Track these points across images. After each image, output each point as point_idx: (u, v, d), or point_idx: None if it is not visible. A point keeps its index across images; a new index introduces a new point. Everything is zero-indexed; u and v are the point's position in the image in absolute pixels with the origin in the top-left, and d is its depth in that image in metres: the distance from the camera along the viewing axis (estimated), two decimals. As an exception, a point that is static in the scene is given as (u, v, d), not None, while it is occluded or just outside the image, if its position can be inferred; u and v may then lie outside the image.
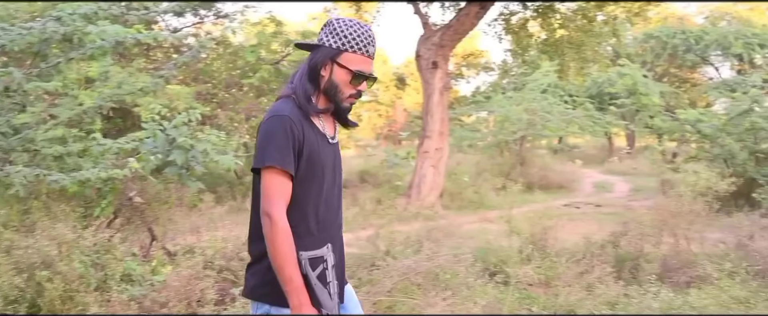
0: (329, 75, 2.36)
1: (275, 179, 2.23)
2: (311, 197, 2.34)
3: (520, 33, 12.38)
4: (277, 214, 2.20)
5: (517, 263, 5.98)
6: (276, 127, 2.26)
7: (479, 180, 13.66)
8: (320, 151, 2.37)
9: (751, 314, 4.63)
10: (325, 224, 2.38)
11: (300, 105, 2.34)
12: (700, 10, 33.45)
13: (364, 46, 2.37)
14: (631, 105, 15.87)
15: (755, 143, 11.52)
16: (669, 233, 7.08)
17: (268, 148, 2.25)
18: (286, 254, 2.18)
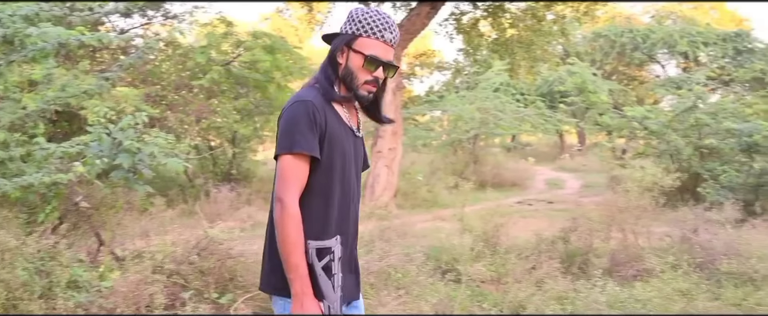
0: (346, 61, 2.35)
1: (293, 165, 2.21)
2: (331, 185, 2.30)
3: (471, 33, 12.49)
4: (290, 200, 2.18)
5: (468, 260, 6.03)
6: (299, 112, 2.24)
7: (433, 179, 13.75)
8: (343, 141, 2.35)
9: (693, 314, 4.75)
10: (342, 215, 2.34)
11: (323, 93, 2.33)
12: (646, 9, 34.11)
13: (379, 31, 2.32)
14: (580, 103, 16.11)
15: (699, 139, 11.80)
16: (617, 228, 7.23)
17: (291, 133, 2.22)
18: (294, 242, 2.16)
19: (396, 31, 2.38)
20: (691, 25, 26.02)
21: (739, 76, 21.86)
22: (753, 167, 10.62)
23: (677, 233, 7.15)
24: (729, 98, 16.45)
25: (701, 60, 24.95)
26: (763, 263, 5.47)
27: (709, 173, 10.99)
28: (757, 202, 9.91)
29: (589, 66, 21.83)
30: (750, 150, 11.05)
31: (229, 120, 11.29)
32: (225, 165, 13.15)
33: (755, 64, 22.11)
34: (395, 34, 2.37)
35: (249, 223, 9.25)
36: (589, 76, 15.34)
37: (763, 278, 5.32)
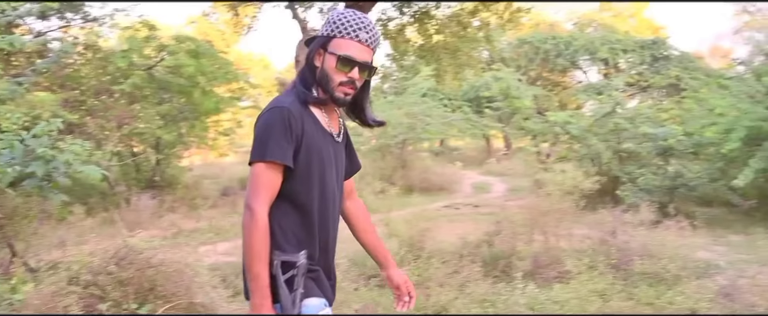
0: (322, 64, 2.29)
1: (265, 173, 2.16)
2: (309, 193, 2.26)
3: (397, 38, 12.53)
4: (259, 208, 2.14)
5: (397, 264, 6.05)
6: (274, 119, 2.18)
7: (361, 184, 13.74)
8: (321, 148, 2.29)
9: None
10: (321, 223, 2.30)
11: (299, 96, 2.27)
12: (568, 16, 35.10)
13: (353, 31, 2.26)
14: (506, 108, 16.46)
15: (618, 143, 12.20)
16: (539, 231, 7.35)
17: (265, 140, 2.17)
18: (259, 252, 2.12)
19: (374, 31, 2.32)
20: (611, 33, 26.90)
21: (656, 82, 22.76)
22: (668, 169, 11.04)
23: (597, 234, 7.33)
24: (646, 104, 17.07)
25: (621, 66, 25.81)
26: (674, 262, 5.69)
27: (628, 176, 11.36)
28: (671, 204, 10.30)
29: (514, 72, 22.39)
30: (665, 153, 11.49)
31: (152, 126, 11.03)
32: (148, 172, 12.83)
33: (671, 70, 23.04)
34: (372, 34, 2.31)
35: (172, 231, 9.08)
36: (513, 82, 15.69)
37: (673, 277, 5.54)
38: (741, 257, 7.48)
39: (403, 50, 12.90)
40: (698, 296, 4.90)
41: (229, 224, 9.72)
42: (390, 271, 2.70)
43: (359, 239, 2.73)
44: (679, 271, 5.66)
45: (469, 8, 12.36)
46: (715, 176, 10.84)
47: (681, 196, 10.81)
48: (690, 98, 14.63)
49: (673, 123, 12.93)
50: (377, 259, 2.73)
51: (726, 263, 7.17)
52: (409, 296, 2.67)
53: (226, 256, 7.74)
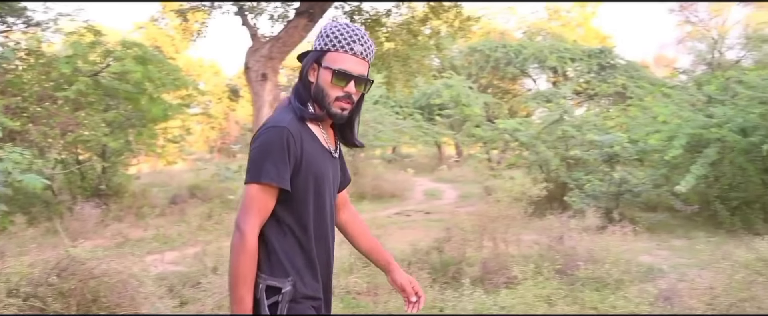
0: (316, 79, 2.23)
1: (259, 194, 2.10)
2: (305, 214, 2.20)
3: (348, 46, 12.55)
4: (250, 230, 2.08)
5: (344, 272, 6.05)
6: (272, 139, 2.11)
7: (311, 192, 13.69)
8: (320, 166, 2.23)
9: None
10: (318, 242, 2.24)
11: (296, 112, 2.21)
12: (518, 25, 35.64)
13: (347, 44, 2.20)
14: (456, 115, 16.58)
15: (566, 150, 12.40)
16: (489, 237, 7.42)
17: (261, 161, 2.10)
18: (245, 275, 2.07)
19: (368, 43, 2.26)
20: (559, 42, 27.38)
21: (603, 91, 23.23)
22: (613, 176, 11.25)
23: (544, 240, 7.44)
24: (593, 111, 17.39)
25: (569, 75, 26.27)
26: (617, 267, 5.81)
27: (575, 182, 11.56)
28: (617, 209, 10.52)
29: (465, 79, 22.60)
30: (611, 160, 11.72)
31: (98, 133, 10.79)
32: (94, 180, 12.55)
33: (617, 79, 23.56)
34: (367, 46, 2.25)
35: (117, 240, 8.91)
36: (464, 90, 15.82)
37: (616, 281, 5.65)
38: (682, 260, 7.67)
39: (354, 57, 12.92)
40: (639, 299, 5.02)
41: (177, 232, 9.58)
42: (394, 274, 2.61)
43: (357, 246, 2.69)
44: (622, 275, 5.78)
45: (419, 16, 12.47)
46: (659, 182, 11.10)
47: (626, 201, 11.05)
48: (635, 106, 14.97)
49: (619, 130, 13.20)
50: (379, 263, 2.67)
51: (668, 266, 7.35)
52: (416, 295, 2.57)
53: (173, 265, 7.63)
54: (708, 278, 5.02)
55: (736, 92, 11.10)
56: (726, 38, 29.89)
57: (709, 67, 26.30)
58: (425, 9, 12.35)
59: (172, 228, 9.93)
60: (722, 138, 10.13)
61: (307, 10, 11.37)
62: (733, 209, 10.58)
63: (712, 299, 4.68)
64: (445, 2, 12.18)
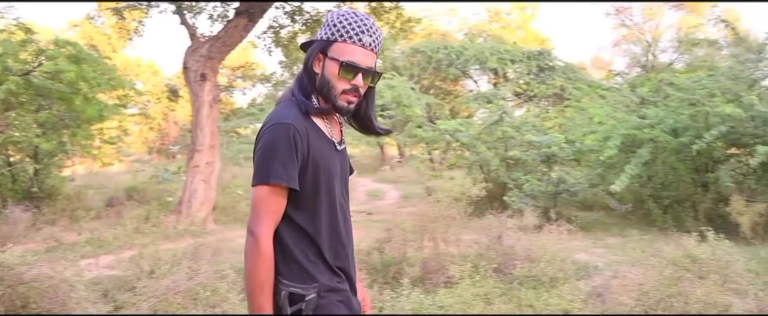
0: (322, 70, 2.11)
1: (269, 196, 1.98)
2: (317, 213, 2.08)
3: (289, 46, 12.51)
4: (264, 234, 1.96)
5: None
6: (278, 137, 1.99)
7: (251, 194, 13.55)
8: (328, 162, 2.11)
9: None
10: (333, 239, 2.13)
11: (300, 106, 2.10)
12: (460, 27, 36.02)
13: (356, 35, 2.09)
14: (398, 116, 16.63)
15: (506, 151, 12.59)
16: (429, 237, 7.46)
17: (269, 161, 1.98)
18: (263, 282, 1.95)
19: (377, 33, 2.15)
20: (500, 44, 27.73)
21: (542, 92, 23.62)
22: (551, 176, 11.48)
23: (483, 240, 7.52)
24: (532, 112, 17.68)
25: (509, 76, 26.63)
26: (553, 265, 5.93)
27: (514, 182, 11.75)
28: (554, 208, 10.73)
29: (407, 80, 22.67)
30: (549, 160, 11.95)
31: (30, 134, 10.47)
32: (26, 182, 12.16)
33: (556, 80, 23.99)
34: (376, 37, 2.13)
35: (48, 245, 8.67)
36: (405, 91, 15.88)
37: (551, 279, 5.77)
38: (616, 258, 7.86)
39: (296, 57, 12.86)
40: (571, 297, 5.12)
41: (113, 235, 9.36)
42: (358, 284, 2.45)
43: None
44: (557, 273, 5.90)
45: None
46: (595, 182, 11.36)
47: (563, 201, 11.28)
48: (572, 107, 15.29)
49: (557, 131, 13.48)
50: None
51: (603, 264, 7.53)
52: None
53: (108, 269, 7.47)
54: (639, 274, 5.16)
55: (667, 94, 11.44)
56: (659, 41, 30.82)
57: (643, 69, 27.05)
58: (366, 10, 12.38)
59: (108, 231, 9.70)
60: (654, 138, 10.44)
61: (247, 10, 11.29)
62: (665, 207, 10.90)
63: (641, 295, 4.81)
64: (386, 3, 12.23)
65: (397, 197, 17.24)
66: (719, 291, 4.73)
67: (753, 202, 9.49)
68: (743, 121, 9.73)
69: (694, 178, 11.06)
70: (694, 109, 10.48)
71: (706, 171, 10.87)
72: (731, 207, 9.35)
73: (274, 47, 12.88)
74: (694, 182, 11.05)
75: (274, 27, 12.58)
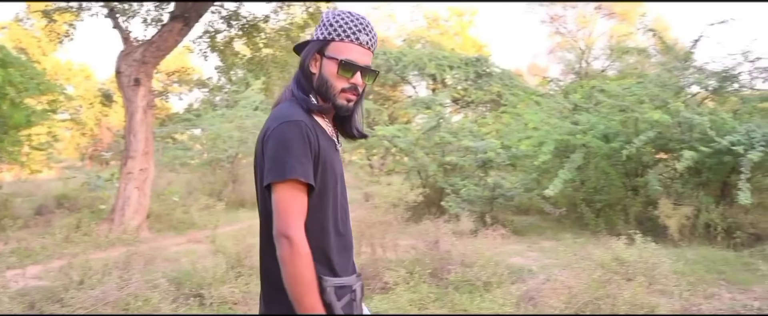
0: (319, 70, 2.11)
1: (293, 195, 1.94)
2: (330, 210, 2.07)
3: (225, 51, 12.35)
4: (298, 235, 1.91)
5: (218, 282, 5.93)
6: (291, 134, 1.96)
7: (189, 200, 13.35)
8: (333, 160, 2.11)
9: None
10: (346, 241, 2.14)
11: (302, 105, 2.08)
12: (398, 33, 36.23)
13: (353, 33, 2.11)
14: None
15: (443, 156, 12.69)
16: (367, 243, 7.49)
17: (285, 158, 1.94)
18: (308, 282, 1.91)
19: (373, 33, 2.18)
20: (438, 50, 28.01)
21: (479, 98, 23.93)
22: (488, 181, 11.63)
23: (421, 245, 7.57)
24: (469, 118, 17.89)
25: (447, 82, 26.90)
26: (486, 270, 6.00)
27: (451, 187, 11.85)
28: (490, 213, 10.88)
29: (346, 86, 22.64)
30: (485, 166, 12.11)
31: (-47, 140, 10.08)
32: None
33: (493, 86, 24.36)
34: (372, 36, 2.17)
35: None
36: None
37: (485, 283, 5.84)
38: (549, 261, 8.01)
39: (232, 63, 12.71)
40: (503, 301, 5.20)
41: (41, 245, 9.07)
42: None
43: None
44: (491, 277, 5.97)
45: (298, 22, 12.44)
46: (530, 186, 11.56)
47: (499, 205, 11.44)
48: (508, 113, 15.53)
49: (493, 137, 13.66)
50: None
51: (537, 267, 7.67)
52: None
53: (36, 280, 7.23)
54: (569, 277, 5.27)
55: (598, 100, 11.73)
56: (592, 49, 31.62)
57: (577, 76, 27.71)
58: (304, 15, 12.35)
59: (36, 241, 9.40)
60: (587, 144, 10.69)
61: (183, 14, 11.12)
62: (597, 210, 11.17)
63: (571, 298, 4.92)
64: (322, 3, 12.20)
65: (336, 203, 17.17)
66: (646, 292, 4.87)
67: (680, 205, 9.80)
68: (670, 127, 10.06)
69: (625, 182, 11.36)
70: (624, 116, 10.78)
71: (635, 175, 11.18)
72: (660, 210, 9.63)
73: (209, 52, 12.70)
74: (625, 186, 11.35)
75: (210, 32, 12.41)
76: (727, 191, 10.00)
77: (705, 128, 9.29)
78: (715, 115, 9.91)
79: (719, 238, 9.22)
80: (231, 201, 14.76)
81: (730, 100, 11.40)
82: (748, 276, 6.99)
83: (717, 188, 10.34)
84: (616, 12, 33.97)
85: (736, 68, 10.72)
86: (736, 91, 11.13)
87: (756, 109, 10.63)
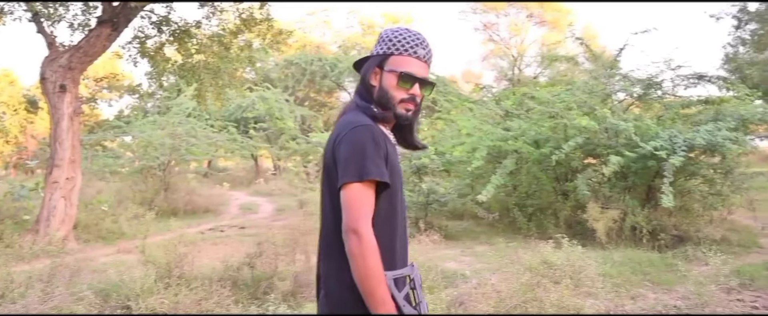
0: (379, 83, 2.24)
1: (364, 193, 2.01)
2: (395, 210, 2.17)
3: (156, 57, 12.10)
4: (366, 230, 1.97)
5: (146, 293, 5.80)
6: (365, 137, 2.06)
7: (120, 209, 13.02)
8: (398, 165, 2.21)
9: None
10: (405, 240, 2.24)
11: (368, 113, 2.19)
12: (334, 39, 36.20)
13: (411, 48, 2.24)
14: (271, 128, 16.51)
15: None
16: (301, 251, 7.44)
17: (360, 159, 2.03)
18: (379, 274, 1.96)
19: (429, 47, 2.31)
20: (374, 56, 28.11)
21: (415, 104, 24.11)
22: (422, 186, 11.72)
23: (355, 252, 7.53)
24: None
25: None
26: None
27: (387, 192, 11.88)
28: (424, 218, 10.97)
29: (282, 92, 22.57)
30: (420, 171, 12.20)
31: None
32: None
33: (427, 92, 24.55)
34: (428, 50, 2.29)
35: None
36: (276, 103, 15.78)
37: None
38: (482, 265, 8.12)
39: (163, 69, 12.45)
40: (433, 306, 5.24)
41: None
42: None
43: None
44: (424, 282, 6.01)
45: (231, 28, 12.29)
46: (464, 192, 11.71)
47: (434, 211, 11.56)
48: (442, 119, 15.70)
49: (428, 142, 13.78)
50: None
51: (471, 272, 7.76)
52: None
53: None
54: (500, 281, 5.36)
55: (529, 107, 11.98)
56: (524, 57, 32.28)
57: (510, 82, 28.23)
58: (237, 21, 12.20)
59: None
60: (518, 149, 10.90)
61: (111, 19, 10.85)
62: (529, 215, 11.40)
63: (499, 301, 5.00)
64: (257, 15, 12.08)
65: (271, 211, 17.06)
66: (572, 294, 4.99)
67: (607, 208, 10.09)
68: (597, 132, 10.35)
69: (555, 187, 11.62)
70: (554, 122, 11.04)
71: (565, 180, 11.46)
72: (588, 214, 9.88)
73: (139, 58, 12.41)
74: (555, 191, 11.61)
75: (140, 37, 12.12)
76: (651, 195, 10.34)
77: (630, 134, 9.58)
78: (639, 122, 10.25)
79: (645, 240, 9.51)
80: (163, 210, 14.47)
81: (654, 107, 11.81)
82: (671, 277, 7.24)
83: (642, 191, 10.68)
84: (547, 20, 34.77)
85: (659, 76, 11.13)
86: (659, 98, 11.54)
87: (678, 116, 11.04)
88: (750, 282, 7.01)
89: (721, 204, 10.57)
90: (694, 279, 6.17)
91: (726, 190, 10.47)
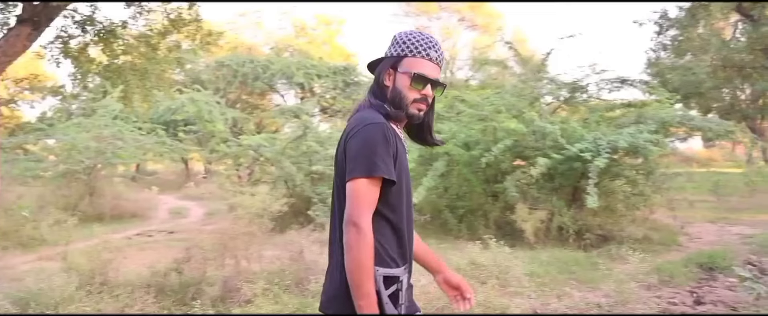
0: (393, 83, 2.33)
1: (369, 188, 2.11)
2: (400, 208, 2.25)
3: (80, 57, 11.71)
4: (366, 224, 2.08)
5: (67, 301, 5.62)
6: (376, 134, 2.15)
7: (40, 215, 12.56)
8: (406, 164, 2.32)
9: None
10: (409, 238, 2.31)
11: (381, 111, 2.28)
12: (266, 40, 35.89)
13: (424, 50, 2.33)
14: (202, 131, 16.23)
15: (310, 165, 12.69)
16: (230, 255, 7.34)
17: (370, 156, 2.12)
18: (369, 268, 2.06)
19: (441, 50, 2.39)
20: (306, 59, 28.02)
21: (347, 107, 24.15)
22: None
23: (286, 255, 7.52)
24: (337, 127, 17.98)
25: (316, 90, 26.98)
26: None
27: (319, 196, 11.85)
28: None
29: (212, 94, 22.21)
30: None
31: None
32: None
33: (361, 95, 24.60)
34: (440, 53, 2.38)
35: None
36: (206, 106, 15.53)
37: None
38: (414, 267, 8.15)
39: (87, 70, 12.08)
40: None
41: None
42: (446, 273, 2.67)
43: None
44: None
45: (158, 29, 12.02)
46: (396, 194, 11.74)
47: (366, 213, 11.54)
48: (375, 122, 15.74)
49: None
50: (430, 265, 2.70)
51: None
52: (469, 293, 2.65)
53: None
54: (428, 282, 5.38)
55: (459, 110, 12.12)
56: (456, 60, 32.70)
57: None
58: (164, 22, 11.94)
59: None
60: (449, 152, 11.01)
61: (32, 18, 10.46)
62: (460, 216, 11.52)
63: (427, 303, 5.04)
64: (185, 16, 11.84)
65: (201, 215, 16.78)
66: (498, 294, 5.08)
67: (535, 209, 10.30)
68: (526, 135, 10.56)
69: (485, 188, 11.78)
70: (484, 125, 11.20)
71: (495, 182, 11.62)
72: (517, 215, 10.07)
73: (62, 58, 11.99)
74: (485, 192, 11.77)
75: (63, 37, 11.71)
76: (577, 196, 10.61)
77: (556, 136, 9.81)
78: (565, 124, 10.51)
79: (571, 240, 9.76)
80: (87, 215, 14.05)
81: (580, 110, 12.13)
82: (596, 275, 7.44)
83: (568, 192, 10.94)
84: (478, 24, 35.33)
85: (585, 80, 11.43)
86: (584, 101, 11.86)
87: (602, 118, 11.38)
88: (669, 279, 7.27)
89: (643, 204, 10.92)
90: (616, 277, 6.36)
91: (648, 190, 10.81)
